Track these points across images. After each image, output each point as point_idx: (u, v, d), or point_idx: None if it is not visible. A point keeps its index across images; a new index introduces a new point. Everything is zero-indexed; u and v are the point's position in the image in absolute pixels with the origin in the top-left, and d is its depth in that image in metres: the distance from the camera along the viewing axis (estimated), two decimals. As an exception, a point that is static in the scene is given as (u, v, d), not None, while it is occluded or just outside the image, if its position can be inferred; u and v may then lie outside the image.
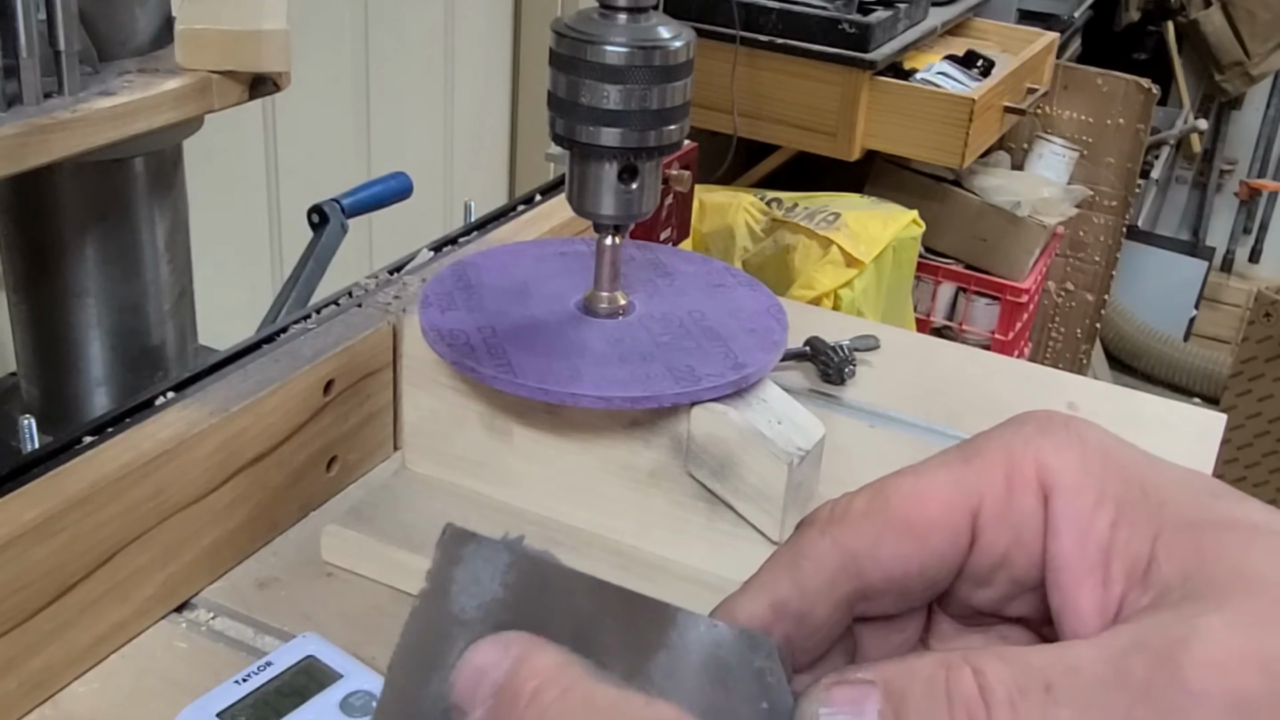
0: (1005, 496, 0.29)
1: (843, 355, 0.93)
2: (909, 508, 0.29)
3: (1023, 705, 0.24)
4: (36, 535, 0.57)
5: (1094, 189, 2.53)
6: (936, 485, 0.29)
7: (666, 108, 0.62)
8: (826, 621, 0.30)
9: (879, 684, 0.26)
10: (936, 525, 0.29)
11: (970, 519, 0.29)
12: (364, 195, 1.07)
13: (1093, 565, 0.27)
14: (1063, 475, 0.28)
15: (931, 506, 0.29)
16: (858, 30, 1.91)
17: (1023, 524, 0.28)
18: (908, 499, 0.29)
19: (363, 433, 0.77)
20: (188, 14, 0.74)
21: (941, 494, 0.29)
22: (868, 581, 0.29)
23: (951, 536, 0.29)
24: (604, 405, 0.62)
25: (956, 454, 0.30)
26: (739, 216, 1.98)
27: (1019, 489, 0.29)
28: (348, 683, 0.60)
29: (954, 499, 0.29)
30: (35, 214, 0.78)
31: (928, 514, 0.29)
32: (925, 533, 0.29)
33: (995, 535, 0.29)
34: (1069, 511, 0.28)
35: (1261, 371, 2.84)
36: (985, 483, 0.29)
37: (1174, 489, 0.27)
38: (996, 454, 0.29)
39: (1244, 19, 3.35)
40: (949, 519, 0.29)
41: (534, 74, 1.91)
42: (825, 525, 0.30)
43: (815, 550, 0.30)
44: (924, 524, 0.29)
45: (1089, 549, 0.27)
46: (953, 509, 0.29)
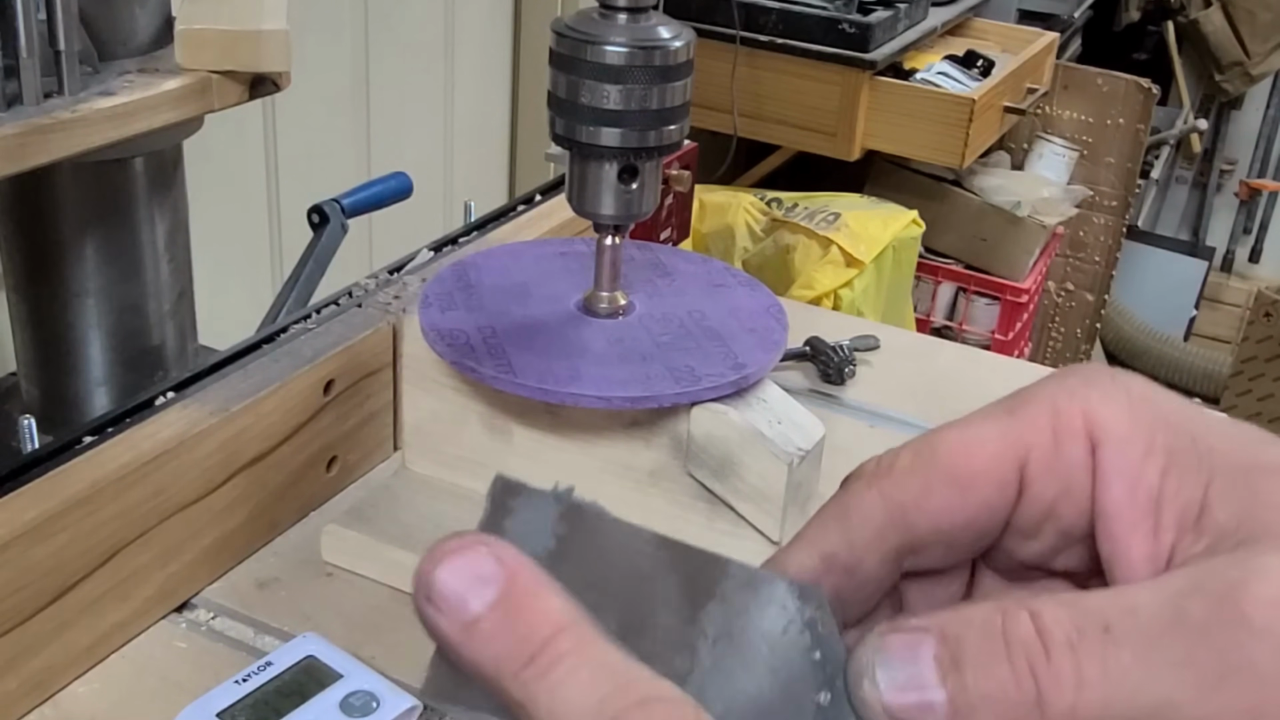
0: (1053, 447, 0.28)
1: (843, 355, 0.93)
2: (956, 459, 0.29)
3: (1082, 646, 0.24)
4: (36, 535, 0.57)
5: (1094, 189, 2.53)
6: (983, 437, 0.29)
7: (666, 108, 0.62)
8: (875, 574, 0.30)
9: (934, 630, 0.26)
10: (984, 476, 0.29)
11: (1018, 470, 0.29)
12: (364, 195, 1.06)
13: (1144, 513, 0.27)
14: (1111, 425, 0.28)
15: (978, 458, 0.29)
16: (858, 30, 1.91)
17: (1071, 474, 0.28)
18: (954, 451, 0.29)
19: (363, 433, 0.77)
20: (188, 14, 0.74)
21: (989, 446, 0.29)
22: (916, 534, 0.29)
23: (999, 487, 0.29)
24: (604, 405, 0.62)
25: (1002, 406, 0.30)
26: (739, 216, 1.98)
27: (1067, 439, 0.28)
28: (348, 683, 0.60)
29: (1001, 450, 0.29)
30: (35, 214, 0.78)
31: (975, 465, 0.29)
32: (972, 484, 0.29)
33: (1043, 486, 0.29)
34: (1118, 461, 0.28)
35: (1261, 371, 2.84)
36: (1032, 433, 0.29)
37: (1221, 437, 0.27)
38: (1043, 405, 0.29)
39: (1244, 19, 3.35)
40: (996, 470, 0.29)
41: (534, 74, 1.91)
42: (871, 479, 0.30)
43: (862, 503, 0.30)
44: (971, 475, 0.29)
45: (1140, 498, 0.27)
46: (1000, 460, 0.29)
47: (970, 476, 0.29)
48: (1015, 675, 0.24)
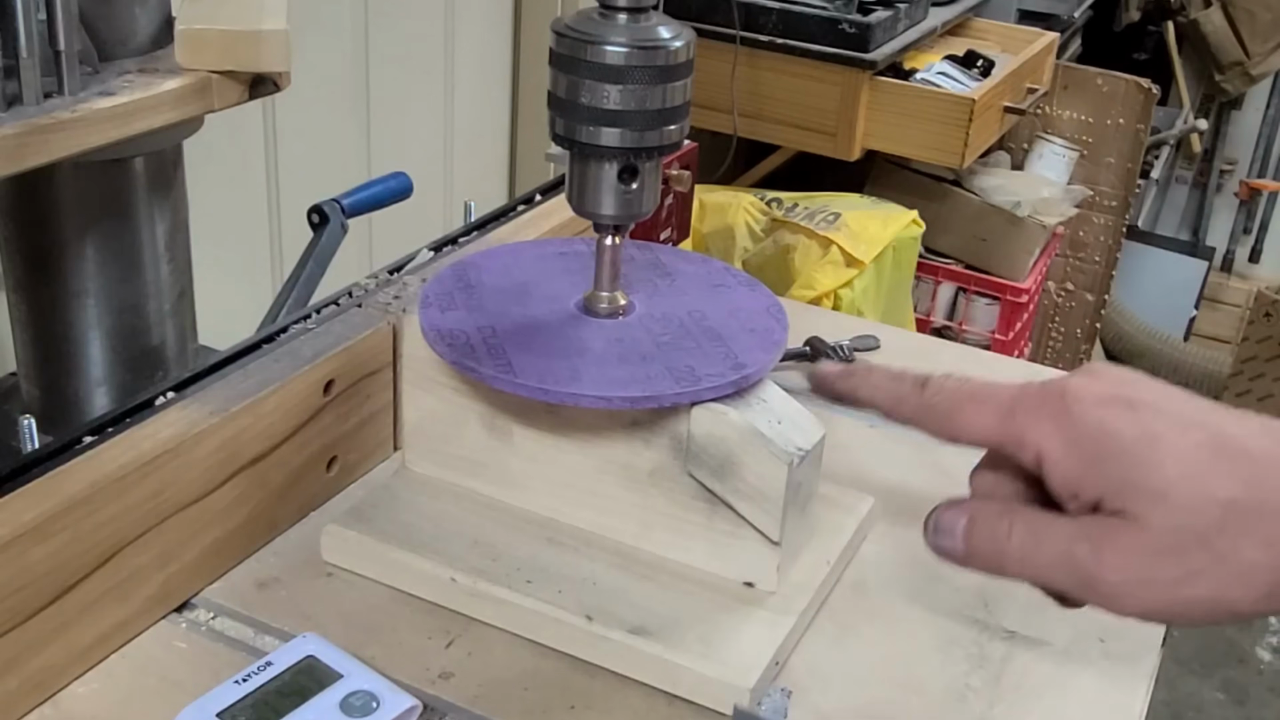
0: (1019, 450, 0.47)
1: (843, 355, 0.93)
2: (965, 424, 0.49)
3: (1017, 535, 0.46)
4: (36, 535, 0.57)
5: (1094, 189, 2.53)
6: (985, 424, 0.48)
7: (666, 108, 0.62)
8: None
9: (967, 510, 0.48)
10: (978, 439, 0.49)
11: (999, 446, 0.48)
12: (364, 195, 1.06)
13: (1067, 496, 0.46)
14: (1048, 451, 0.46)
15: (978, 433, 0.49)
16: (858, 30, 1.91)
17: (1026, 463, 0.47)
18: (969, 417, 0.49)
19: (363, 433, 0.77)
20: (188, 14, 0.74)
21: (987, 432, 0.48)
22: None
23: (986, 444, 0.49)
24: (604, 405, 0.62)
25: (1006, 405, 0.47)
26: (739, 216, 1.98)
27: (1028, 451, 0.47)
28: (348, 683, 0.60)
29: (990, 435, 0.48)
30: (35, 214, 0.78)
31: (974, 434, 0.49)
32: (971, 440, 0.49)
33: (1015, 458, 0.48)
34: (1052, 474, 0.46)
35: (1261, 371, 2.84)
36: (1009, 439, 0.47)
37: (1121, 460, 0.44)
38: (1021, 426, 0.47)
39: (1244, 19, 3.35)
40: (986, 441, 0.49)
41: (534, 74, 1.91)
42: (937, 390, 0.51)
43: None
44: (970, 437, 0.49)
45: (1063, 492, 0.46)
46: (989, 438, 0.48)
47: (970, 437, 0.49)
48: (996, 543, 0.47)
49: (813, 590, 0.68)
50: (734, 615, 0.65)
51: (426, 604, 0.68)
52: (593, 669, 0.64)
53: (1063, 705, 0.65)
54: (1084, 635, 0.70)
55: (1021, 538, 0.46)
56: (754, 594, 0.67)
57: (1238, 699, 2.31)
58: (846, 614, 0.70)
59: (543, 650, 0.65)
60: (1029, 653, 0.68)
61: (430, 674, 0.63)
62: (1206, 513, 0.42)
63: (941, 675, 0.67)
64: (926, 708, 0.64)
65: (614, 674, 0.64)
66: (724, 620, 0.65)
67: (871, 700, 0.65)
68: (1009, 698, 0.65)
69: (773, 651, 0.63)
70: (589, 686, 0.64)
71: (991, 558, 0.47)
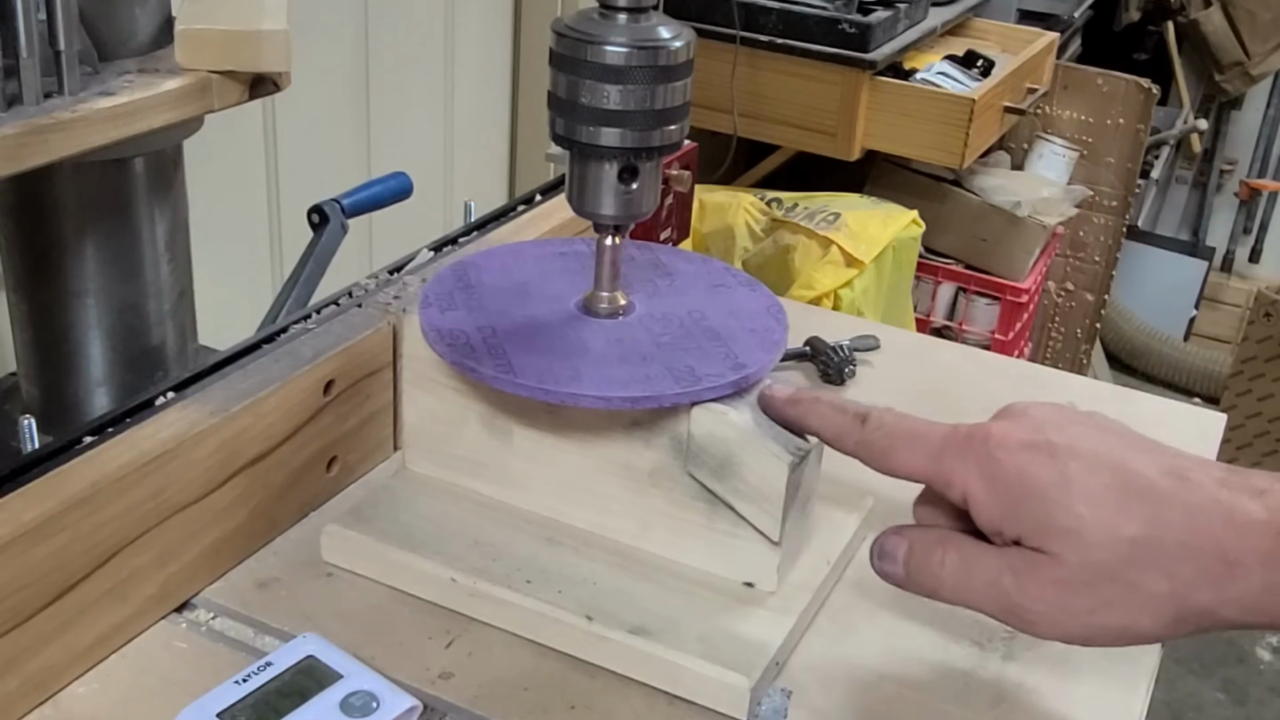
0: (947, 489, 0.52)
1: (843, 355, 0.93)
2: (899, 463, 0.54)
3: (947, 567, 0.51)
4: (36, 535, 0.57)
5: (1094, 189, 2.53)
6: (918, 464, 0.53)
7: (666, 108, 0.62)
8: None
9: (907, 538, 0.53)
10: (913, 476, 0.54)
11: (931, 484, 0.53)
12: (364, 195, 1.06)
13: (992, 533, 0.50)
14: (973, 492, 0.51)
15: (911, 470, 0.54)
16: (858, 30, 1.91)
17: (955, 501, 0.52)
18: (902, 458, 0.54)
19: (363, 433, 0.77)
20: (188, 14, 0.74)
21: (918, 468, 0.53)
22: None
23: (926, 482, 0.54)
24: (604, 405, 0.62)
25: (936, 447, 0.52)
26: (739, 216, 1.98)
27: (955, 492, 0.52)
28: (348, 683, 0.60)
29: (922, 474, 0.53)
30: (35, 214, 0.78)
31: (908, 471, 0.54)
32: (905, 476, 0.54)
33: (944, 496, 0.52)
34: (977, 514, 0.51)
35: (1261, 371, 2.84)
36: (938, 481, 0.52)
37: (1037, 503, 0.48)
38: (950, 469, 0.51)
39: (1244, 19, 3.35)
40: (918, 477, 0.53)
41: (534, 74, 1.91)
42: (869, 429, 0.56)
43: None
44: (904, 474, 0.54)
45: (988, 529, 0.51)
46: (921, 476, 0.53)
47: (904, 474, 0.54)
48: (932, 571, 0.52)
49: (813, 590, 0.68)
50: (734, 615, 0.65)
51: (426, 604, 0.68)
52: (593, 669, 0.64)
53: (1063, 705, 0.65)
54: (1084, 635, 0.70)
55: (954, 568, 0.51)
56: (754, 594, 0.67)
57: (1238, 699, 2.31)
58: (846, 614, 0.70)
59: (543, 650, 0.65)
60: (1029, 653, 0.68)
61: (430, 674, 0.63)
62: (1115, 549, 0.47)
63: (942, 675, 0.67)
64: (926, 708, 0.64)
65: (614, 674, 0.64)
66: (724, 620, 0.65)
67: (871, 700, 0.65)
68: (1009, 698, 0.65)
69: (773, 652, 0.63)
70: (589, 686, 0.64)
71: (927, 585, 0.52)
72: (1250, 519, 0.45)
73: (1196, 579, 0.45)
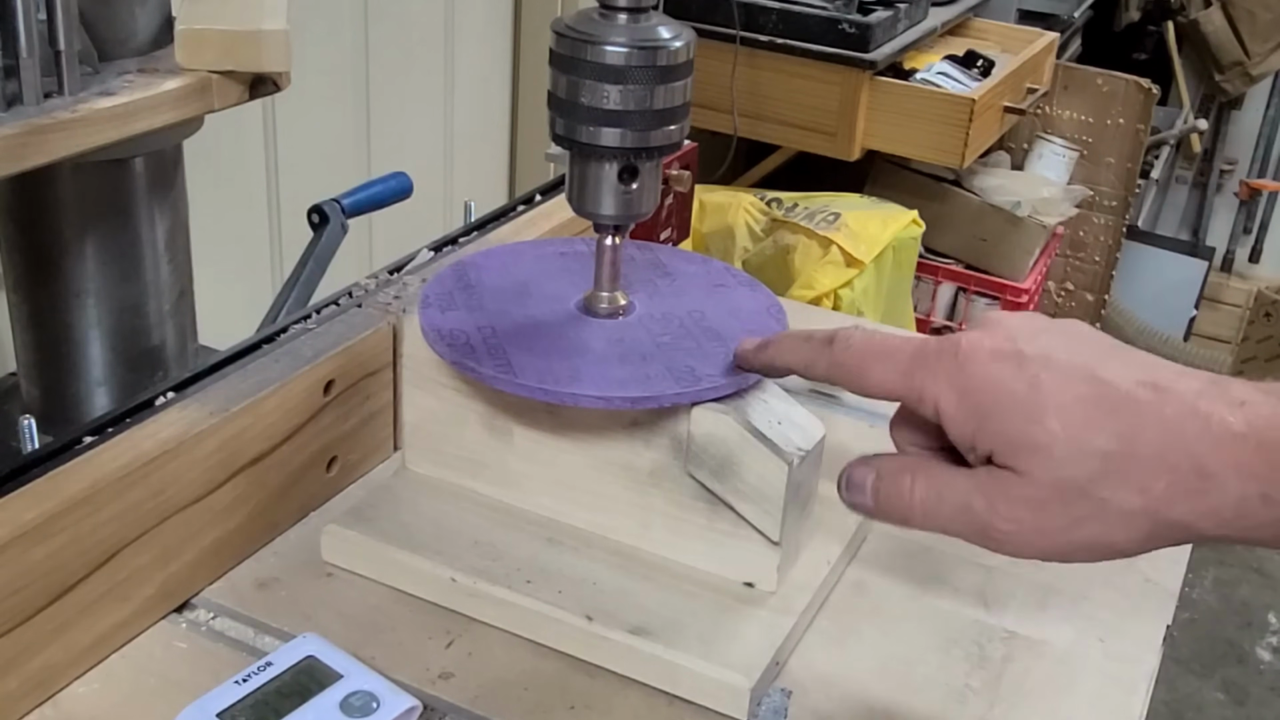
0: (919, 404, 0.50)
1: (843, 355, 0.93)
2: (870, 381, 0.52)
3: (917, 492, 0.50)
4: (36, 535, 0.57)
5: (1094, 189, 2.53)
6: (888, 380, 0.51)
7: (666, 108, 0.62)
8: None
9: (874, 466, 0.52)
10: (886, 394, 0.52)
11: (903, 400, 0.52)
12: (364, 195, 1.06)
13: (965, 449, 0.49)
14: (944, 407, 0.49)
15: (881, 388, 0.52)
16: (858, 30, 1.91)
17: (927, 416, 0.50)
18: (875, 374, 0.52)
19: (363, 433, 0.77)
20: (188, 14, 0.74)
21: (889, 386, 0.51)
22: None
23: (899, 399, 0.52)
24: (604, 405, 0.62)
25: (907, 362, 0.50)
26: (739, 216, 1.98)
27: (927, 407, 0.50)
28: (348, 683, 0.60)
29: (893, 390, 0.51)
30: (35, 214, 0.78)
31: (880, 389, 0.52)
32: (876, 394, 0.52)
33: (917, 412, 0.51)
34: (949, 428, 0.49)
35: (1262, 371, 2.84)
36: (910, 394, 0.50)
37: (1008, 416, 0.47)
38: (921, 383, 0.50)
39: (1244, 19, 3.35)
40: (889, 395, 0.52)
41: (534, 74, 1.91)
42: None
43: None
44: (875, 391, 0.52)
45: (960, 444, 0.49)
46: (891, 393, 0.52)
47: (878, 392, 0.52)
48: (901, 499, 0.50)
49: (813, 590, 0.68)
50: (734, 615, 0.65)
51: (426, 604, 0.68)
52: (593, 669, 0.64)
53: (1063, 705, 0.65)
54: (1084, 635, 0.70)
55: (923, 494, 0.50)
56: (754, 594, 0.67)
57: (1238, 699, 2.30)
58: (846, 614, 0.70)
59: (543, 650, 0.65)
60: (1029, 653, 0.68)
61: (430, 674, 0.63)
62: (1086, 464, 0.45)
63: (941, 675, 0.67)
64: (926, 708, 0.64)
65: (614, 674, 0.64)
66: (724, 620, 0.65)
67: (871, 700, 0.65)
68: (1009, 698, 0.65)
69: (773, 652, 0.63)
70: (589, 686, 0.64)
71: (897, 513, 0.51)
72: (1228, 431, 0.44)
73: (1171, 493, 0.44)
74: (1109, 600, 0.73)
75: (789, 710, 0.62)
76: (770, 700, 0.62)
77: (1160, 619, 0.72)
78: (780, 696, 0.62)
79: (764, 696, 0.62)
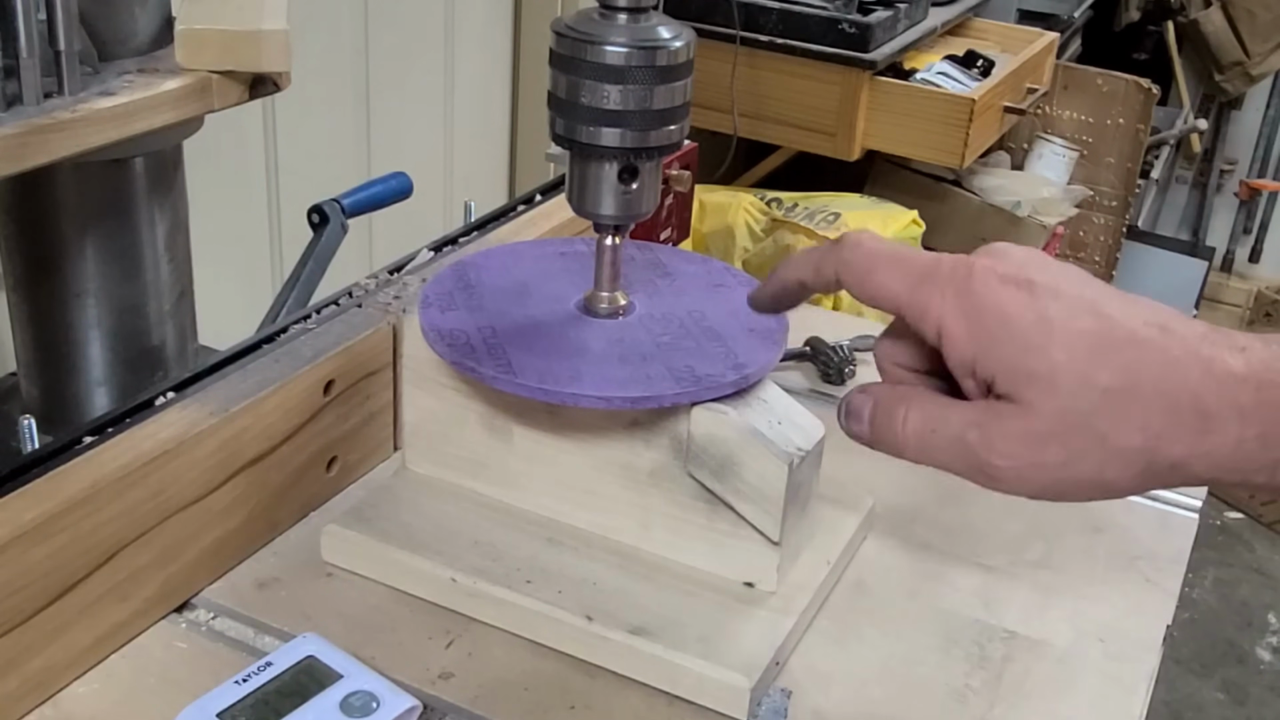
0: (921, 322, 0.49)
1: (843, 355, 0.93)
2: (873, 287, 0.50)
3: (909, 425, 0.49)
4: (36, 535, 0.57)
5: (1094, 189, 2.53)
6: (893, 289, 0.49)
7: (666, 108, 0.62)
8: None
9: (872, 395, 0.51)
10: (889, 302, 0.50)
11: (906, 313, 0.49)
12: (364, 195, 1.06)
13: (963, 374, 0.48)
14: (949, 328, 0.47)
15: (883, 298, 0.50)
16: (858, 30, 1.91)
17: (928, 335, 0.49)
18: (877, 280, 0.50)
19: (363, 433, 0.77)
20: (188, 14, 0.74)
21: (896, 298, 0.49)
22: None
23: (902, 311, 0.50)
24: (604, 405, 0.62)
25: (917, 274, 0.48)
26: (739, 216, 1.98)
27: (930, 324, 0.48)
28: (348, 683, 0.60)
29: (896, 303, 0.49)
30: (35, 214, 0.78)
31: (880, 298, 0.50)
32: (876, 304, 0.50)
33: (917, 329, 0.49)
34: (950, 350, 0.48)
35: (1261, 371, 2.83)
36: (914, 310, 0.48)
37: (1013, 343, 0.46)
38: (927, 301, 0.48)
39: (1244, 19, 3.34)
40: (896, 305, 0.49)
41: (534, 74, 1.91)
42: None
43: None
44: (876, 301, 0.50)
45: (959, 369, 0.48)
46: (894, 306, 0.49)
47: (881, 299, 0.50)
48: (894, 430, 0.49)
49: (813, 590, 0.68)
50: (734, 615, 0.65)
51: (426, 604, 0.68)
52: (593, 669, 0.64)
53: (1063, 705, 0.65)
54: (1084, 635, 0.70)
55: (916, 426, 0.49)
56: (754, 594, 0.67)
57: (1238, 699, 2.30)
58: (846, 614, 0.70)
59: (543, 650, 0.65)
60: (1029, 653, 0.68)
61: (430, 674, 0.63)
62: (1088, 398, 0.45)
63: (941, 675, 0.67)
64: (926, 708, 0.64)
65: (614, 674, 0.64)
66: (724, 620, 0.65)
67: (871, 700, 0.65)
68: (1009, 698, 0.65)
69: (773, 652, 0.63)
70: (589, 686, 0.64)
71: (892, 444, 0.50)
72: (1230, 372, 0.44)
73: (1170, 431, 0.44)
74: (1109, 600, 0.73)
75: (789, 710, 0.62)
76: (770, 700, 0.62)
77: (1160, 619, 0.72)
78: (780, 696, 0.62)
79: (764, 696, 0.62)
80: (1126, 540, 0.78)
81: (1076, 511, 0.81)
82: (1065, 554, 0.77)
